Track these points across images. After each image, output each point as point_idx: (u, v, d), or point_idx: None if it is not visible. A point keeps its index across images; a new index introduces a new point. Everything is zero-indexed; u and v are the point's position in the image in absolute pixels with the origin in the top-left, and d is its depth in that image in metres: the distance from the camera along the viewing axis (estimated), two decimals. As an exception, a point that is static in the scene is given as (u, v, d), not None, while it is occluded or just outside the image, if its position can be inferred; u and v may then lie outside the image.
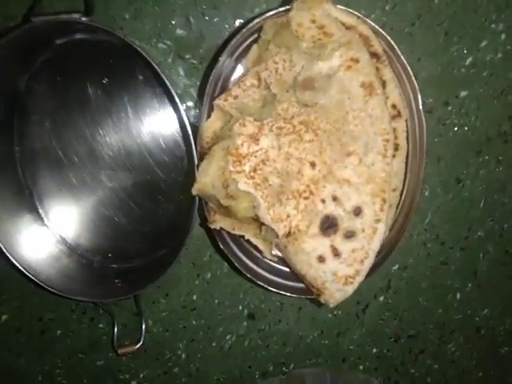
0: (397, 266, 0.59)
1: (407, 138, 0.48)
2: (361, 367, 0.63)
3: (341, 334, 0.61)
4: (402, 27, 0.51)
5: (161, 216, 0.52)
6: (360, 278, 0.45)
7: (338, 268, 0.44)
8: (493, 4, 0.52)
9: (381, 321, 0.61)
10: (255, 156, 0.43)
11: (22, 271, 0.48)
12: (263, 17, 0.42)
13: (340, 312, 0.60)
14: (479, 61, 0.53)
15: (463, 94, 0.54)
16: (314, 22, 0.40)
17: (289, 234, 0.44)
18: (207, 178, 0.42)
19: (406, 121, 0.47)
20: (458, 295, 0.61)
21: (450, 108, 0.54)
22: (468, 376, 0.64)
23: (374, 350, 0.63)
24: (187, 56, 0.51)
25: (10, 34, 0.41)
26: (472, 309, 0.62)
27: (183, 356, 0.61)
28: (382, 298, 0.60)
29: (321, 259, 0.45)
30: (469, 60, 0.53)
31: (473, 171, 0.57)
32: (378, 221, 0.45)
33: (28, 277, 0.49)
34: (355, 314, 0.61)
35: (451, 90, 0.54)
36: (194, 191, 0.43)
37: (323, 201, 0.45)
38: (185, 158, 0.50)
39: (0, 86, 0.47)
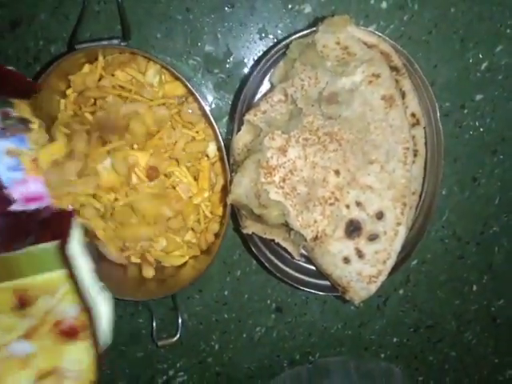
0: (416, 261, 0.62)
1: (425, 144, 0.51)
2: (382, 355, 0.67)
3: (363, 325, 0.65)
4: (420, 36, 0.54)
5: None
6: (383, 278, 0.48)
7: (362, 268, 0.48)
8: (508, 10, 0.53)
9: (401, 312, 0.65)
10: (284, 167, 0.47)
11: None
12: (291, 38, 0.44)
13: (362, 305, 0.64)
14: (494, 65, 0.55)
15: (479, 97, 0.57)
16: (338, 43, 0.43)
17: (316, 238, 0.48)
18: (241, 190, 0.46)
19: (424, 128, 0.50)
20: (475, 287, 0.64)
21: (466, 111, 0.57)
22: (484, 363, 0.68)
23: (395, 340, 0.66)
24: (216, 71, 0.54)
25: (58, 61, 0.45)
26: (488, 299, 0.65)
27: (216, 347, 0.65)
28: (401, 291, 0.64)
29: (346, 260, 0.48)
30: (484, 65, 0.55)
31: (488, 170, 0.59)
32: (399, 224, 0.48)
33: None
34: (376, 306, 0.65)
35: (467, 93, 0.56)
36: (229, 201, 0.47)
37: (347, 206, 0.48)
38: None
39: (47, 107, 0.50)
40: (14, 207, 0.36)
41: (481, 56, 0.55)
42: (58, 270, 0.36)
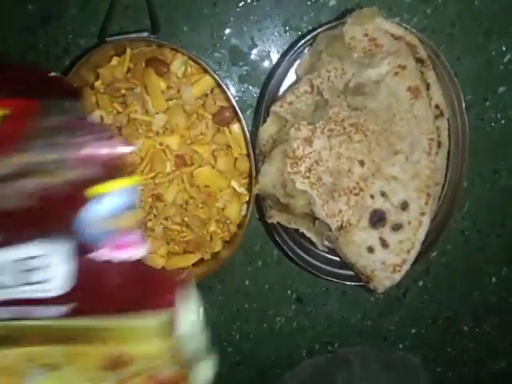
0: (436, 253, 0.63)
1: (449, 135, 0.51)
2: (400, 346, 0.68)
3: (382, 316, 0.66)
4: (443, 29, 0.54)
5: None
6: (407, 267, 0.49)
7: (386, 257, 0.49)
8: (532, 3, 0.54)
9: (420, 304, 0.65)
10: (309, 157, 0.47)
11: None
12: (318, 30, 0.45)
13: (382, 296, 0.65)
14: (517, 58, 0.56)
15: (501, 89, 0.57)
16: (366, 35, 0.43)
17: (341, 228, 0.49)
18: (268, 179, 0.47)
19: (448, 119, 0.51)
20: (494, 279, 0.65)
21: (488, 103, 0.57)
22: (502, 354, 0.68)
23: (413, 331, 0.67)
24: (240, 63, 0.55)
25: (89, 53, 0.46)
26: (507, 291, 0.65)
27: (237, 336, 0.66)
28: (421, 283, 0.65)
29: (370, 250, 0.49)
30: (507, 57, 0.56)
31: (509, 162, 0.60)
32: (422, 214, 0.49)
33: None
34: (396, 297, 0.65)
35: (490, 86, 0.57)
36: (256, 190, 0.48)
37: (372, 196, 0.49)
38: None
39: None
40: (99, 255, 0.28)
41: (504, 48, 0.55)
42: (165, 338, 0.31)
